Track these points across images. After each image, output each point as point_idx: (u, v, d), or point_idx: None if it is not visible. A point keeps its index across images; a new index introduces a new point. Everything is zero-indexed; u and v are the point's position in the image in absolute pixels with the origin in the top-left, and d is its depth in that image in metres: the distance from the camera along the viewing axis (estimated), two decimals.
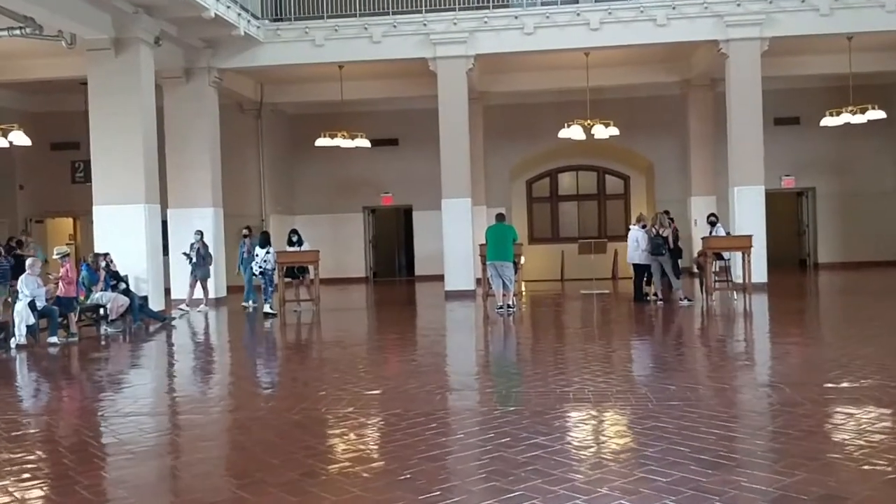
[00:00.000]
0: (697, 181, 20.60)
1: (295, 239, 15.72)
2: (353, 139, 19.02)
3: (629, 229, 15.00)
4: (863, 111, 17.17)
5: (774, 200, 19.00)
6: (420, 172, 22.17)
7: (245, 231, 16.48)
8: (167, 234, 16.48)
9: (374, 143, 21.12)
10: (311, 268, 15.24)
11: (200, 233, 15.50)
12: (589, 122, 18.06)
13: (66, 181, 21.60)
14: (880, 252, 21.42)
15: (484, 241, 14.01)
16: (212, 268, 15.82)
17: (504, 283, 13.30)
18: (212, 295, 16.78)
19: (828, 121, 17.78)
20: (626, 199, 24.36)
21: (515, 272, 13.92)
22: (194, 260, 15.22)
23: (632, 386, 7.46)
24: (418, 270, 23.08)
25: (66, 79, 17.03)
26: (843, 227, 21.82)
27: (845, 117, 17.30)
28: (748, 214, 15.77)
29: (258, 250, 14.70)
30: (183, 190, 16.97)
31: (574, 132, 18.08)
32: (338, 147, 19.61)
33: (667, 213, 14.99)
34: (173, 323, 13.66)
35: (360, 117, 20.86)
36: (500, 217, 13.81)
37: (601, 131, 18.10)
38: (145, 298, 14.09)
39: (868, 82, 18.62)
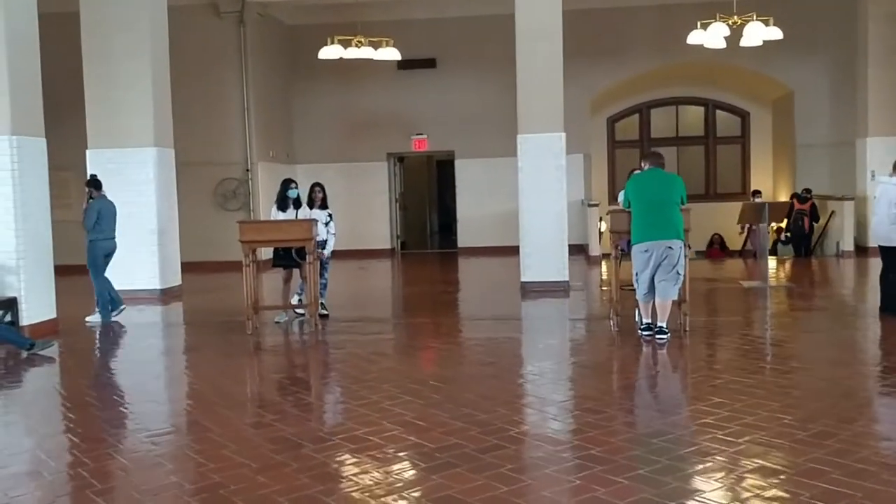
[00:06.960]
0: (877, 115, 14.09)
1: (294, 196, 9.22)
2: (375, 49, 12.74)
3: (880, 184, 8.54)
4: None
5: None
6: (466, 106, 16.07)
7: (91, 187, 9.06)
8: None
9: (404, 64, 14.97)
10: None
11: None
12: (737, 19, 11.66)
13: None
14: None
15: (618, 204, 7.71)
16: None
17: (664, 281, 6.99)
18: (155, 285, 10.82)
19: None
20: (745, 143, 18.06)
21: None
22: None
23: None
24: (461, 241, 16.93)
25: None
26: None
27: None
28: None
29: (308, 212, 8.80)
30: (108, 122, 10.81)
31: (713, 35, 11.70)
32: (352, 70, 13.62)
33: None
34: (43, 351, 7.34)
35: (385, 28, 14.32)
36: (654, 158, 7.33)
37: (756, 32, 11.72)
38: (9, 306, 8.04)
39: None
